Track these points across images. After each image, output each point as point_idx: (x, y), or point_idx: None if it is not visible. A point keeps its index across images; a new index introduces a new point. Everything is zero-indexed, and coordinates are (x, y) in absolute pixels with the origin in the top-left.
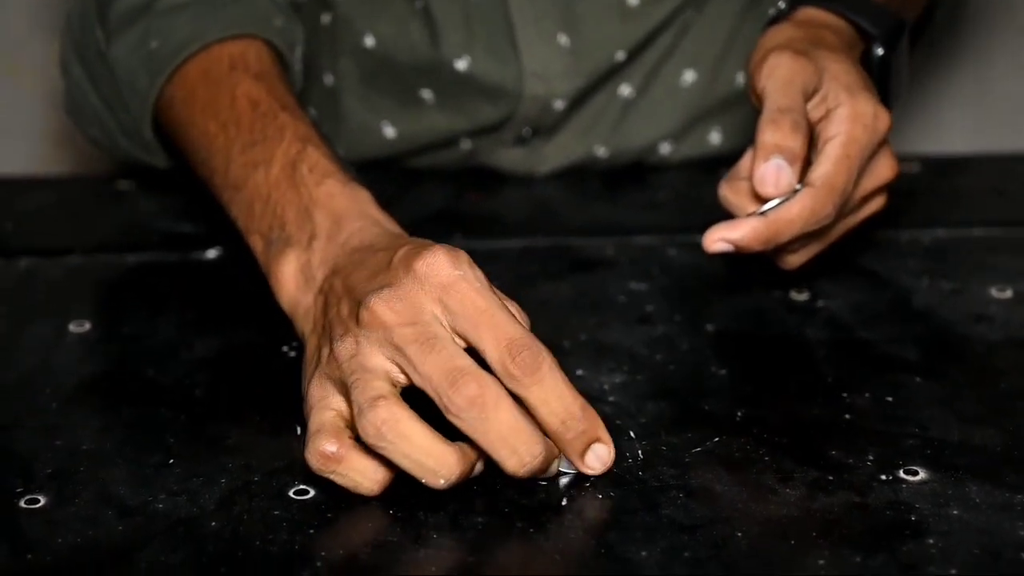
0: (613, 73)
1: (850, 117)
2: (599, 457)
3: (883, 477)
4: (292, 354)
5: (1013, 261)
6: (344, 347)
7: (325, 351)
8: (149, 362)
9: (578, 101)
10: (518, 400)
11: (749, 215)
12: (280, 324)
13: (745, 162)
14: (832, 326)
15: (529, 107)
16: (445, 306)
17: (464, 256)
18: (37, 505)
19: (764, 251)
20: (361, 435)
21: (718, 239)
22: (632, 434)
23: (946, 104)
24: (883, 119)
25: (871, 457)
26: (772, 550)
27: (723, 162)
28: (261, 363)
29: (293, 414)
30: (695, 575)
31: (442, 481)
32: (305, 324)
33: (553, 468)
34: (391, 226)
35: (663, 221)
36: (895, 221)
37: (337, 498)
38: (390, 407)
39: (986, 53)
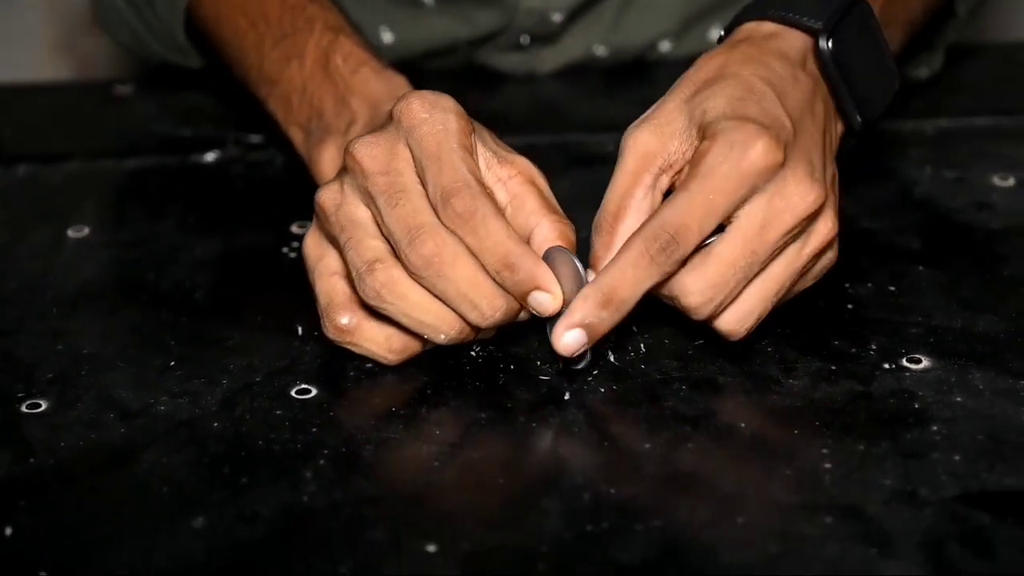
0: None
1: (706, 152)
2: (540, 303)
3: (886, 366)
4: (292, 255)
5: (1016, 149)
6: (329, 194)
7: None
8: (149, 266)
9: (576, 12)
10: None
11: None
12: (280, 226)
13: (611, 207)
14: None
15: (525, 18)
16: (411, 149)
17: (442, 100)
18: (39, 409)
19: (622, 316)
20: (361, 297)
21: (563, 331)
22: (634, 327)
23: None
24: (765, 154)
25: (874, 346)
26: (775, 440)
27: None
28: (262, 265)
29: (294, 315)
30: (698, 466)
31: (442, 336)
32: None
33: (524, 315)
34: None
35: None
36: (899, 111)
37: (339, 397)
38: (387, 270)
39: None
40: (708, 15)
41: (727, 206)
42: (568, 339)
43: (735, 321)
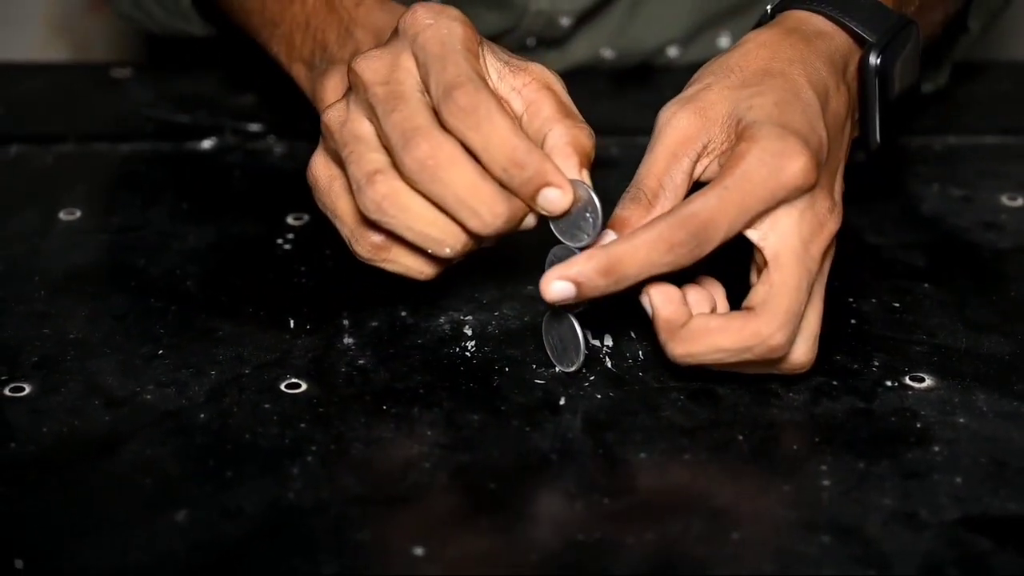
0: None
1: (746, 153)
2: (550, 201)
3: (889, 383)
4: (287, 247)
5: None
6: (334, 112)
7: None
8: (140, 252)
9: (585, 16)
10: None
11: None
12: (275, 216)
13: (650, 183)
14: (839, 230)
15: (534, 21)
16: (415, 57)
17: (448, 9)
18: (22, 394)
19: (618, 289)
20: (362, 211)
21: (554, 278)
22: (633, 334)
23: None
24: (803, 172)
25: (877, 363)
26: (773, 454)
27: None
28: (255, 255)
29: (286, 307)
30: (694, 479)
31: (447, 250)
32: None
33: (529, 221)
34: None
35: None
36: (907, 127)
37: (329, 392)
38: (388, 181)
39: None
40: (717, 23)
41: (757, 212)
42: (557, 288)
43: (806, 349)
